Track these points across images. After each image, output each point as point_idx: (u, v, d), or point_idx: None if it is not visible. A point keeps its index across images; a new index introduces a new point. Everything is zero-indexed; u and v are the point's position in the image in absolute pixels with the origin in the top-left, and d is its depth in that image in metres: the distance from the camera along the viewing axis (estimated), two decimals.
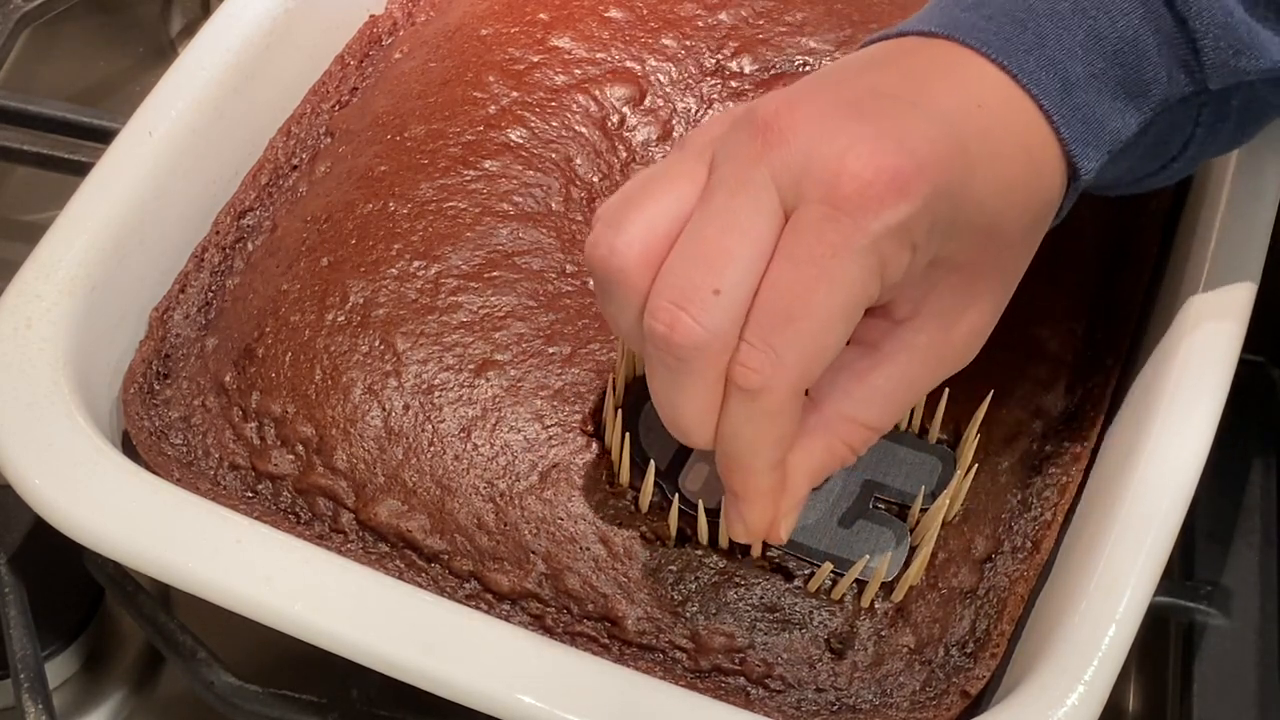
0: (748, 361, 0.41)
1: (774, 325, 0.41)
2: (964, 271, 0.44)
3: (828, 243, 0.40)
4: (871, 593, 0.48)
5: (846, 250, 0.40)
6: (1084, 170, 0.45)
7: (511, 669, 0.44)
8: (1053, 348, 0.53)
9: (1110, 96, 0.44)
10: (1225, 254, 0.53)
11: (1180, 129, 0.47)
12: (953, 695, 0.47)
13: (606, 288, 0.43)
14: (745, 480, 0.43)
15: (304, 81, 0.60)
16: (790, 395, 0.41)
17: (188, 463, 0.51)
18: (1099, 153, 0.45)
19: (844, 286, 0.41)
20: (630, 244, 0.42)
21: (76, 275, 0.51)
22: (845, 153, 0.40)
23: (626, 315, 0.42)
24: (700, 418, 0.42)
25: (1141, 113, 0.45)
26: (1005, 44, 0.44)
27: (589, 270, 0.43)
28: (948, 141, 0.42)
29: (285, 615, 0.45)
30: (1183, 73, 0.45)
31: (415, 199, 0.55)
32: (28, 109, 0.67)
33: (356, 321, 0.52)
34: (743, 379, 0.41)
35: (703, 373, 0.41)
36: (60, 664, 0.56)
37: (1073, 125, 0.44)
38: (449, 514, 0.49)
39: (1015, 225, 0.45)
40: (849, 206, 0.40)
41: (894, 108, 0.42)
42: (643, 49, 0.60)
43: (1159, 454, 0.48)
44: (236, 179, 0.58)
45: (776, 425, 0.42)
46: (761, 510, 0.44)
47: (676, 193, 0.42)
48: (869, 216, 0.40)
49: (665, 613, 0.48)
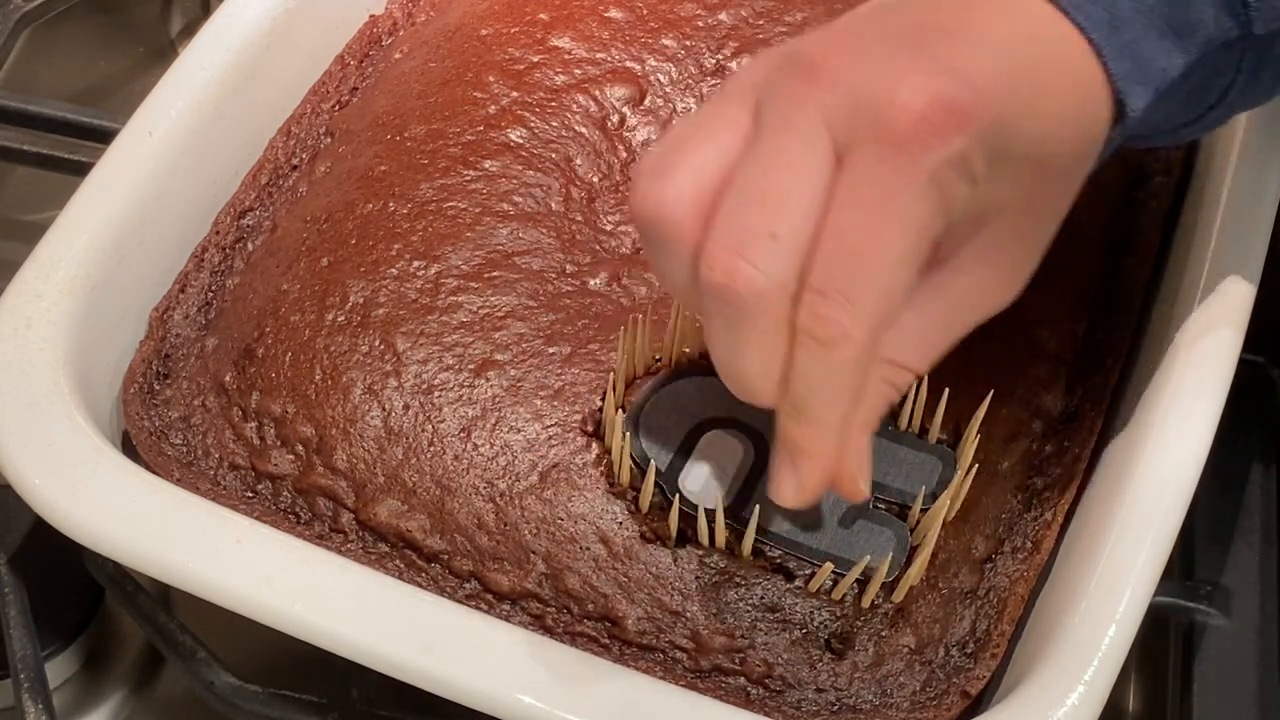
0: (823, 311, 0.39)
1: (845, 272, 0.39)
2: (1009, 209, 0.43)
3: (888, 182, 0.39)
4: (872, 593, 0.48)
5: (909, 189, 0.39)
6: (1132, 108, 0.43)
7: (511, 669, 0.44)
8: (1053, 348, 0.53)
9: (1158, 34, 0.43)
10: (1225, 254, 0.53)
11: (1221, 75, 0.46)
12: (953, 695, 0.47)
13: (657, 241, 0.41)
14: (815, 435, 0.42)
15: (304, 81, 0.60)
16: (869, 344, 0.40)
17: (188, 463, 0.51)
18: (1147, 91, 0.43)
19: (911, 226, 0.39)
20: (680, 191, 0.40)
21: (76, 275, 0.51)
22: (897, 86, 0.39)
23: (680, 269, 0.41)
24: (765, 371, 0.41)
25: (1187, 54, 0.44)
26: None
27: (635, 224, 0.42)
28: (1001, 72, 0.40)
29: (285, 615, 0.45)
30: (1228, 15, 0.44)
31: (415, 199, 0.55)
32: (28, 109, 0.67)
33: (356, 321, 0.52)
34: (820, 329, 0.40)
35: (766, 322, 0.40)
36: (60, 664, 0.56)
37: (1121, 61, 0.43)
38: (449, 514, 0.49)
39: (1063, 162, 0.44)
40: (906, 142, 0.39)
41: (944, 39, 0.41)
42: (643, 49, 0.60)
43: (1159, 454, 0.48)
44: (236, 179, 0.58)
45: (856, 375, 0.41)
46: (822, 469, 0.43)
47: (722, 139, 0.41)
48: (927, 150, 0.39)
49: (665, 613, 0.48)
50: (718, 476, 0.49)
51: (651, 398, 0.51)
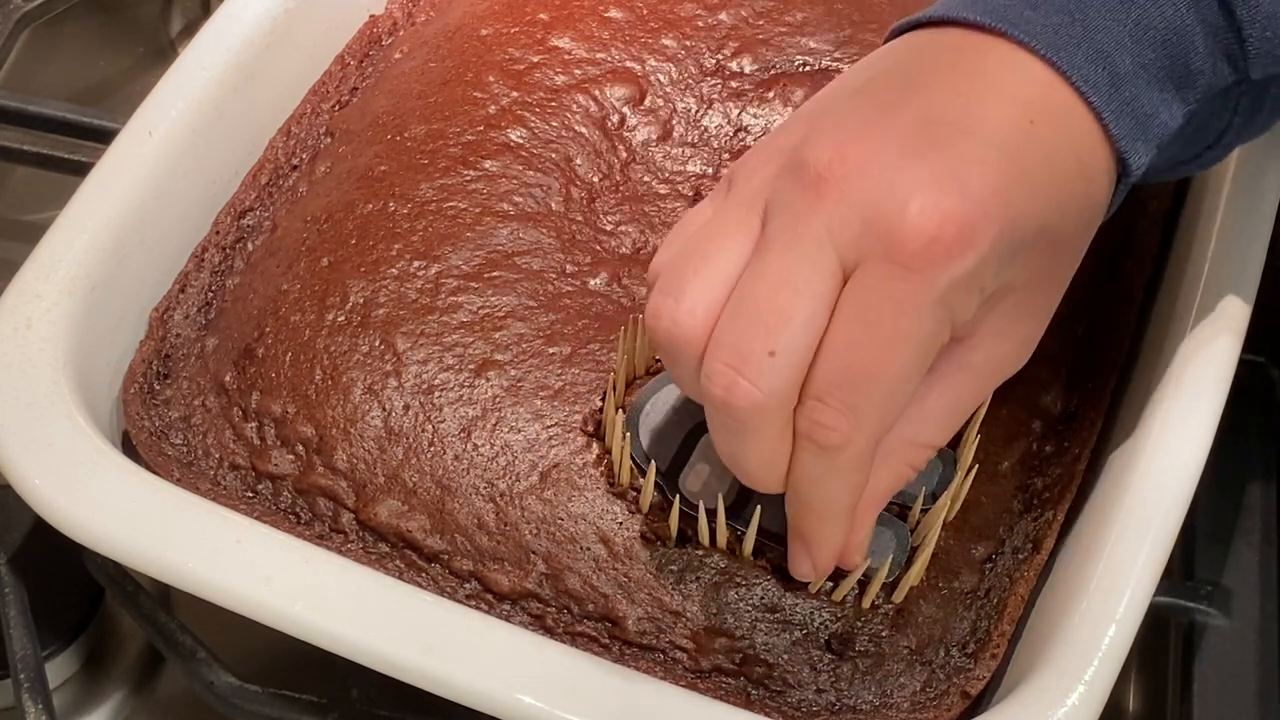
0: (825, 420, 0.40)
1: (850, 384, 0.40)
2: (1021, 289, 0.44)
3: (897, 301, 0.40)
4: (872, 593, 0.48)
5: (917, 308, 0.40)
6: (1135, 165, 0.44)
7: (511, 669, 0.44)
8: (1053, 348, 0.53)
9: (1159, 88, 0.43)
10: (1225, 254, 0.53)
11: (1218, 118, 0.46)
12: (953, 696, 0.47)
13: (672, 355, 0.42)
14: (819, 527, 0.44)
15: (304, 81, 0.60)
16: (871, 448, 0.41)
17: (188, 463, 0.51)
18: (1148, 147, 0.44)
19: (917, 341, 0.40)
20: (693, 313, 0.41)
21: (76, 275, 0.51)
22: (905, 205, 0.39)
23: (690, 376, 0.42)
24: (767, 469, 0.42)
25: (1187, 104, 0.44)
26: (1054, 38, 0.42)
27: (653, 340, 0.43)
28: (1007, 173, 0.41)
29: (285, 615, 0.45)
30: (1226, 63, 0.44)
31: (415, 199, 0.55)
32: (28, 109, 0.67)
33: (356, 321, 0.52)
34: (822, 437, 0.41)
35: (764, 431, 0.41)
36: (60, 664, 0.56)
37: (1122, 121, 0.43)
38: (449, 514, 0.49)
39: (1070, 236, 0.44)
40: (916, 264, 0.39)
41: (948, 137, 0.41)
42: (643, 49, 0.60)
43: (1159, 454, 0.48)
44: (236, 179, 0.58)
45: (856, 476, 0.42)
46: (832, 553, 0.45)
47: (733, 249, 0.42)
48: (938, 271, 0.40)
49: (665, 613, 0.48)
50: (718, 476, 0.49)
51: (651, 398, 0.51)
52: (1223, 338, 0.51)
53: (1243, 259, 0.53)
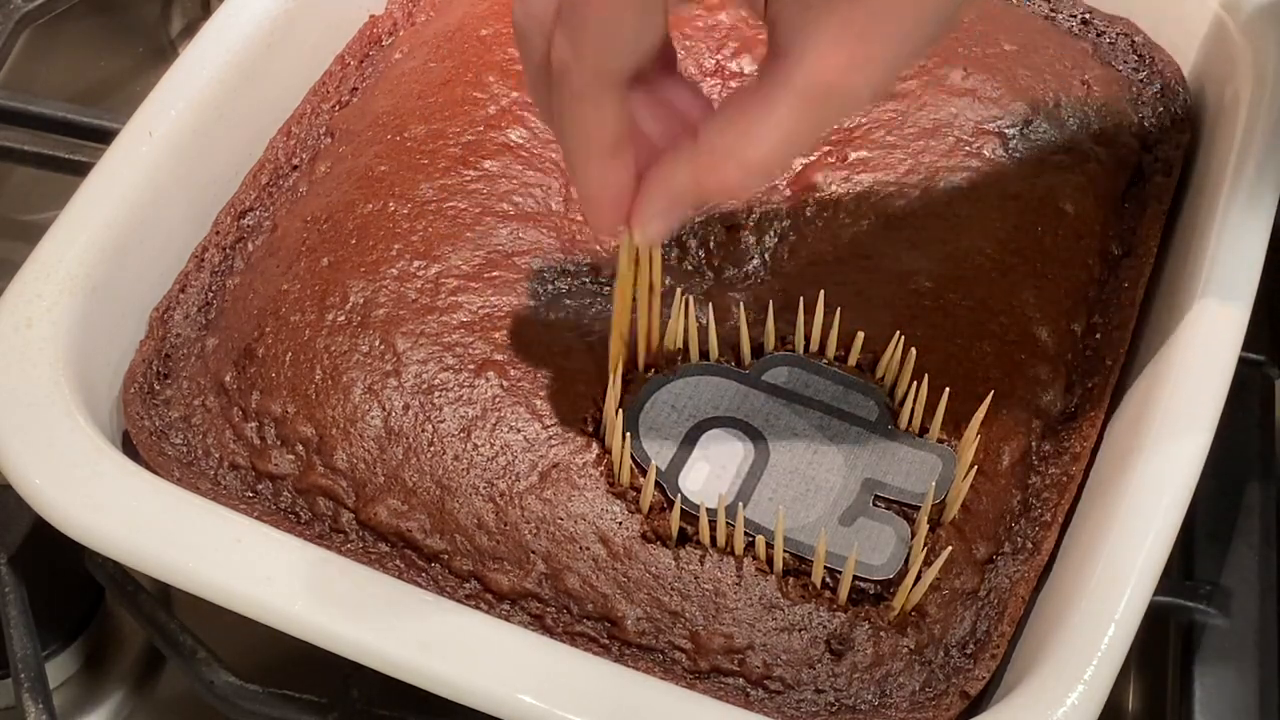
0: (555, 50, 0.42)
1: (570, 8, 0.41)
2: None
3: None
4: (871, 593, 0.48)
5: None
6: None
7: (511, 669, 0.44)
8: (1053, 348, 0.53)
9: None
10: (1225, 254, 0.53)
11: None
12: (952, 696, 0.47)
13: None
14: (573, 167, 0.44)
15: (304, 81, 0.60)
16: (592, 77, 0.42)
17: (188, 462, 0.51)
18: None
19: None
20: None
21: (76, 275, 0.51)
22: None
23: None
24: (542, 110, 0.45)
25: None
26: None
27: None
28: None
29: (285, 615, 0.45)
30: None
31: (415, 199, 0.55)
32: (28, 109, 0.67)
33: (356, 321, 0.52)
34: (554, 65, 0.42)
35: (529, 57, 0.43)
36: (60, 664, 0.56)
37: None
38: (449, 514, 0.49)
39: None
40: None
41: None
42: None
43: (1159, 454, 0.48)
44: (236, 179, 0.58)
45: (584, 108, 0.43)
46: (597, 205, 0.45)
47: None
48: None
49: (665, 613, 0.48)
50: (718, 476, 0.49)
51: (651, 398, 0.51)
52: (1223, 337, 0.51)
53: (1243, 259, 0.53)
